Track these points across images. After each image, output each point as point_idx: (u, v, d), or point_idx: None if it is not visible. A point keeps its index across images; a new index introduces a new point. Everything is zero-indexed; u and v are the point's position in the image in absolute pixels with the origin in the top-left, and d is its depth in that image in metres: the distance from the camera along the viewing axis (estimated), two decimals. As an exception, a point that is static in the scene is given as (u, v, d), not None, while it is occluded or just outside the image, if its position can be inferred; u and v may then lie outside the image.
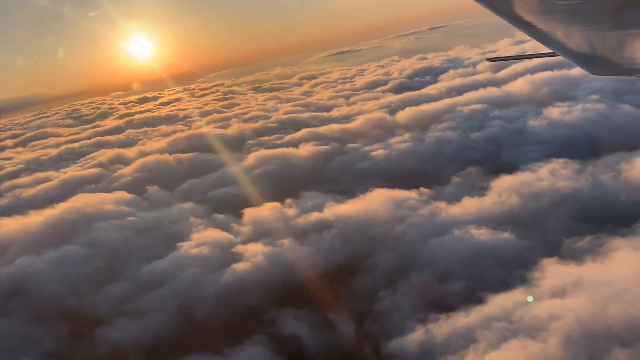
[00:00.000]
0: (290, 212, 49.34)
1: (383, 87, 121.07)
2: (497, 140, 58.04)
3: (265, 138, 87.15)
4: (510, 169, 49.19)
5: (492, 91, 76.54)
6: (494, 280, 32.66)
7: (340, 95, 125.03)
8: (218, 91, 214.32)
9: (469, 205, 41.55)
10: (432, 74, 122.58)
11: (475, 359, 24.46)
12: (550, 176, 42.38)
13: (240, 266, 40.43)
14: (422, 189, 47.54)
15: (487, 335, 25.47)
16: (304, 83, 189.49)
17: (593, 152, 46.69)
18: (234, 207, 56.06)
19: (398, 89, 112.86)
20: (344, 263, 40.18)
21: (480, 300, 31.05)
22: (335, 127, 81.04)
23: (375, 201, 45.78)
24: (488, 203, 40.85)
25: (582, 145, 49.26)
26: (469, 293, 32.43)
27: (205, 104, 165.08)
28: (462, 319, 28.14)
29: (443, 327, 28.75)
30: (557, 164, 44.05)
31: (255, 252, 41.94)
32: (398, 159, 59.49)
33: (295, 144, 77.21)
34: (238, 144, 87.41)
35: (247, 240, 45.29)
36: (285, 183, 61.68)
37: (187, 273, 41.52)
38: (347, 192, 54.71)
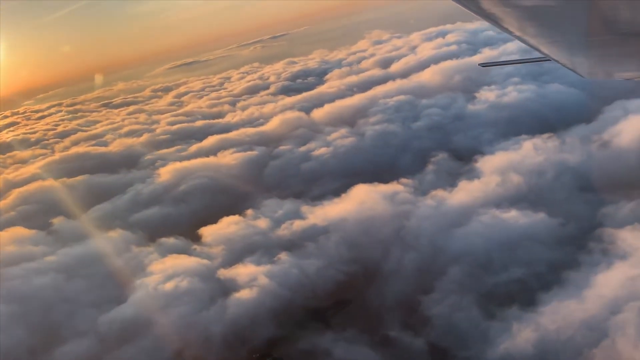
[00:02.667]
0: (261, 223, 42.88)
1: (267, 91, 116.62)
2: (441, 127, 57.37)
3: (165, 151, 77.64)
4: (473, 152, 48.45)
5: (404, 83, 76.57)
6: (554, 262, 30.55)
7: (221, 102, 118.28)
8: (62, 111, 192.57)
9: (470, 189, 39.30)
10: (314, 75, 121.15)
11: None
12: (536, 152, 42.02)
13: (243, 294, 33.36)
14: (404, 180, 44.44)
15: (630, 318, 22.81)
16: (161, 95, 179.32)
17: (551, 128, 47.64)
18: (179, 228, 47.82)
19: (285, 91, 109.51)
20: (360, 271, 35.36)
21: (548, 287, 28.73)
22: (250, 131, 74.78)
23: (363, 198, 41.51)
24: (491, 185, 38.98)
25: (535, 123, 50.24)
26: (533, 279, 29.93)
27: (56, 125, 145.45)
28: (572, 306, 25.20)
29: (541, 321, 25.61)
30: (537, 140, 43.93)
31: (251, 275, 35.10)
32: (347, 155, 55.86)
33: (207, 153, 69.61)
34: (131, 161, 76.68)
35: (228, 263, 38.09)
36: (224, 195, 54.52)
37: (171, 314, 33.26)
38: (308, 194, 49.84)
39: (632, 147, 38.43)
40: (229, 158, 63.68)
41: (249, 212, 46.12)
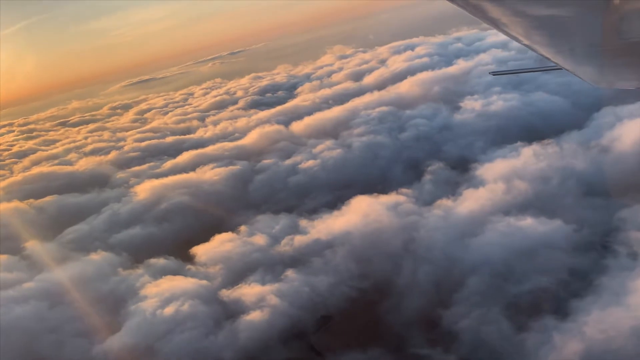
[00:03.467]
0: (259, 240, 40.76)
1: (236, 106, 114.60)
2: (429, 137, 56.82)
3: (137, 169, 74.34)
4: (467, 160, 47.94)
5: (383, 94, 76.12)
6: (578, 269, 29.82)
7: (189, 117, 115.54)
8: (14, 131, 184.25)
9: (477, 197, 38.46)
10: (283, 89, 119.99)
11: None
12: (537, 159, 41.71)
13: (252, 316, 31.17)
14: (403, 190, 43.35)
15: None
16: (121, 113, 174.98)
17: (542, 135, 47.60)
18: (166, 248, 45.14)
19: (256, 105, 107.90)
20: (373, 287, 33.73)
21: (579, 295, 27.89)
22: (228, 145, 72.45)
23: (366, 210, 40.06)
24: (497, 193, 38.26)
25: (526, 130, 50.34)
26: (559, 287, 29.07)
27: (11, 145, 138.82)
28: (618, 313, 24.30)
29: (586, 331, 24.60)
30: (535, 147, 43.68)
31: (258, 295, 32.95)
32: (337, 167, 54.43)
33: (184, 169, 66.85)
34: (101, 180, 72.98)
35: (230, 283, 35.83)
36: (211, 212, 52.07)
37: (175, 341, 30.69)
38: (301, 208, 48.14)
39: (633, 151, 38.52)
40: (210, 174, 61.17)
41: (243, 228, 43.92)
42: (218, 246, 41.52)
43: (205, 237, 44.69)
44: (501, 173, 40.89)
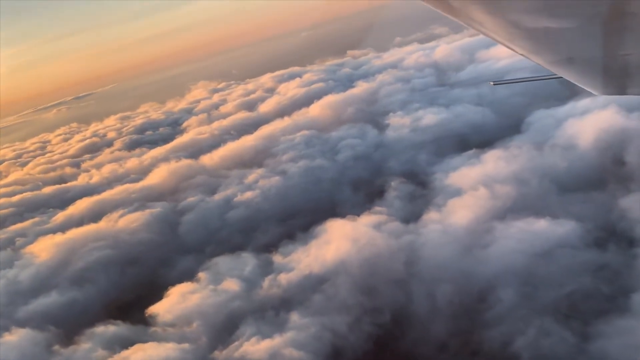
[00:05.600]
0: (231, 286, 34.55)
1: (113, 147, 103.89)
2: (368, 156, 54.64)
3: (19, 226, 61.92)
4: (423, 173, 46.62)
5: (296, 119, 72.81)
6: (608, 264, 28.76)
7: (58, 165, 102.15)
8: None
9: (465, 206, 36.49)
10: (165, 126, 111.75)
11: None
12: (506, 162, 41.19)
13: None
14: (378, 209, 40.20)
15: None
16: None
17: (489, 142, 47.71)
18: (105, 312, 37.02)
19: (138, 144, 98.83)
20: (393, 319, 29.67)
21: (628, 290, 26.65)
22: (130, 188, 63.56)
23: (351, 235, 36.01)
24: (483, 199, 36.66)
25: (470, 139, 50.29)
26: (600, 286, 27.61)
27: None
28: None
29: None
30: (495, 152, 43.27)
31: (271, 350, 27.08)
32: (280, 195, 49.66)
33: (83, 220, 56.95)
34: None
35: (218, 341, 29.39)
36: (143, 264, 44.20)
37: None
38: (257, 243, 42.71)
39: (595, 146, 39.66)
40: (124, 221, 52.44)
41: (202, 275, 37.26)
42: (180, 301, 34.43)
43: (151, 294, 37.42)
44: (476, 179, 39.60)
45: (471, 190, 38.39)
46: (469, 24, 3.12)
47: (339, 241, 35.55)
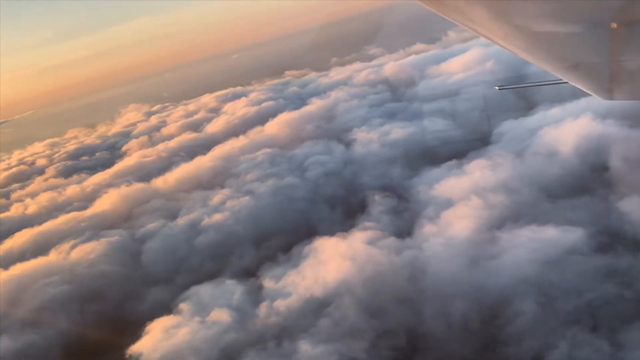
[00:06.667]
0: (221, 316, 31.24)
1: (45, 175, 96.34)
2: (338, 172, 52.67)
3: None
4: (402, 187, 45.49)
5: (253, 138, 69.87)
6: (626, 269, 28.21)
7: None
8: None
9: (461, 217, 35.30)
10: (101, 150, 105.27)
11: None
12: (490, 172, 40.62)
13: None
14: (368, 224, 38.31)
15: None
16: None
17: (463, 153, 47.45)
18: (71, 357, 32.27)
19: (73, 171, 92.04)
20: (410, 342, 27.64)
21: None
22: (77, 216, 58.11)
23: (346, 254, 33.80)
24: (479, 210, 35.64)
25: (443, 151, 49.73)
26: (623, 292, 26.91)
27: None
28: None
29: None
30: (477, 162, 42.70)
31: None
32: (253, 216, 46.60)
33: (26, 254, 51.10)
34: None
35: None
36: (106, 298, 39.77)
37: None
38: (232, 269, 39.66)
39: (577, 153, 39.95)
40: (78, 253, 47.41)
41: (183, 307, 33.65)
42: (165, 337, 30.71)
43: (123, 331, 33.45)
44: (465, 189, 38.72)
45: (463, 200, 37.39)
46: (470, 27, 3.07)
47: (336, 261, 33.24)
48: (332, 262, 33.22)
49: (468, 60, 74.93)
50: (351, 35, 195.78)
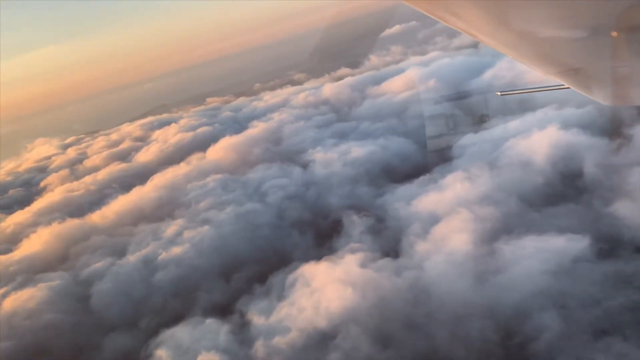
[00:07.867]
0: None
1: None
2: (300, 195, 49.77)
3: None
4: (374, 206, 43.71)
5: (198, 165, 65.34)
6: (627, 273, 27.70)
7: None
8: None
9: (453, 231, 33.75)
10: (16, 187, 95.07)
11: None
12: (469, 184, 39.65)
13: None
14: (354, 246, 35.83)
15: None
16: None
17: (424, 170, 46.76)
18: None
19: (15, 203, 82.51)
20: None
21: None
22: (3, 260, 50.86)
23: (343, 280, 31.05)
24: (470, 223, 34.24)
25: (409, 168, 48.69)
26: (636, 302, 26.17)
27: None
28: None
29: None
30: (453, 175, 41.63)
31: None
32: (215, 247, 42.61)
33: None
34: None
35: None
36: (61, 357, 34.14)
37: None
38: (201, 308, 35.73)
39: (550, 162, 40.03)
40: (13, 302, 40.95)
41: (161, 353, 29.29)
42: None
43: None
44: (449, 203, 37.43)
45: (450, 214, 36.00)
46: (468, 31, 3.03)
47: (333, 287, 30.37)
48: (329, 289, 30.33)
49: (409, 79, 75.40)
50: (273, 62, 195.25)
